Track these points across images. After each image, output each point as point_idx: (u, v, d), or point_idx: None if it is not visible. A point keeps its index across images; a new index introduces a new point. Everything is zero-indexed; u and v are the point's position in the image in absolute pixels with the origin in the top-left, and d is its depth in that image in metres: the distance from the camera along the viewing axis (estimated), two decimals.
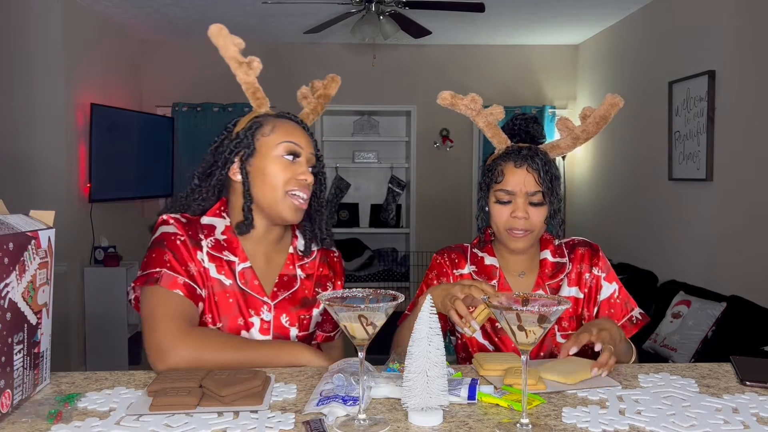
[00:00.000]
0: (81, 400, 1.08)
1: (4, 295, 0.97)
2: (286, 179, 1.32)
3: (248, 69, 1.38)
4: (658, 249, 4.33)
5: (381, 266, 6.10)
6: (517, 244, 1.44)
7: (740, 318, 3.19)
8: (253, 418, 1.00)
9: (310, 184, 1.34)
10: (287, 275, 1.38)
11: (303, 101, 1.51)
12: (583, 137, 1.46)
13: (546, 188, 1.40)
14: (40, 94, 4.16)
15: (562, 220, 1.47)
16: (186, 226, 1.33)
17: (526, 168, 1.40)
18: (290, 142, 1.33)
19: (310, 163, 1.36)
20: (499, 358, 1.28)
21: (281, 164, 1.32)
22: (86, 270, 4.48)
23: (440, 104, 1.49)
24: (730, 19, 3.56)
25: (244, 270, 1.34)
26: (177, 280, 1.25)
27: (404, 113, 6.07)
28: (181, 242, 1.30)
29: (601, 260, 1.52)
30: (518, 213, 1.41)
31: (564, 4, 4.59)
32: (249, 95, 1.40)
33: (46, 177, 4.18)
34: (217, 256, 1.32)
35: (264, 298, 1.34)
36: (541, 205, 1.42)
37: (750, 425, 0.98)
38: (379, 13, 3.97)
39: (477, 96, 1.48)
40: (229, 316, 1.31)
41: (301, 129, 1.38)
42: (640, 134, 4.59)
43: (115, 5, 4.62)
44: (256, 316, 1.32)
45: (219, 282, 1.31)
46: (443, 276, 1.52)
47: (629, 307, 1.50)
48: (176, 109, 5.69)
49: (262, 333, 1.33)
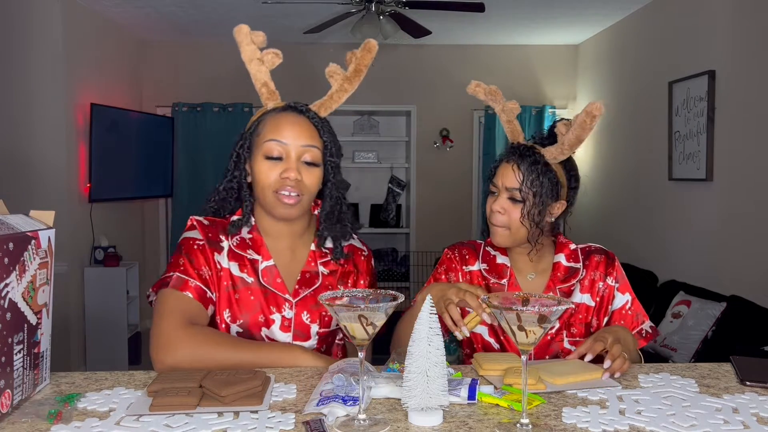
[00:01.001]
0: (81, 401, 1.08)
1: (4, 295, 0.97)
2: (271, 180, 1.29)
3: (260, 64, 1.35)
4: (658, 249, 4.33)
5: (381, 266, 6.10)
6: (495, 238, 1.45)
7: (740, 318, 3.19)
8: (254, 419, 1.00)
9: (297, 180, 1.29)
10: (309, 272, 1.38)
11: (330, 79, 1.41)
12: (567, 145, 1.41)
13: (526, 187, 1.39)
14: (40, 94, 4.17)
15: (535, 224, 1.40)
16: (208, 228, 1.35)
17: (513, 165, 1.41)
18: (271, 140, 1.29)
19: (303, 156, 1.30)
20: (498, 358, 1.27)
21: (266, 164, 1.30)
22: (86, 270, 4.48)
23: (469, 92, 1.51)
24: (730, 19, 3.56)
25: (268, 268, 1.35)
26: (188, 282, 1.28)
27: (404, 113, 6.07)
28: (198, 247, 1.31)
29: (616, 270, 1.50)
30: (495, 206, 1.42)
31: (564, 4, 4.59)
32: (257, 90, 1.37)
33: (46, 177, 4.18)
34: (241, 254, 1.34)
35: (286, 296, 1.34)
36: (518, 202, 1.41)
37: (750, 425, 0.98)
38: (379, 13, 3.97)
39: (496, 89, 1.50)
40: (250, 313, 1.32)
41: (293, 121, 1.31)
42: (640, 134, 4.59)
43: (115, 5, 4.62)
44: (277, 313, 1.33)
45: (241, 280, 1.33)
46: (452, 271, 1.52)
47: (640, 319, 1.49)
48: (176, 109, 5.69)
49: (282, 330, 1.33)
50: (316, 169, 1.32)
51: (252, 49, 1.34)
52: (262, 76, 1.35)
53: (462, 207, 6.00)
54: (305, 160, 1.31)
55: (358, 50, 1.37)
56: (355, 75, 1.36)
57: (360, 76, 1.37)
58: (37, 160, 4.16)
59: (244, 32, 1.33)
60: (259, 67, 1.35)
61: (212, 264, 1.31)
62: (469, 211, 6.01)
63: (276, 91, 1.38)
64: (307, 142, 1.31)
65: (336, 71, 1.37)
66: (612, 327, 1.41)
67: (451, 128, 5.93)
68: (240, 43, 1.34)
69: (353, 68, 1.36)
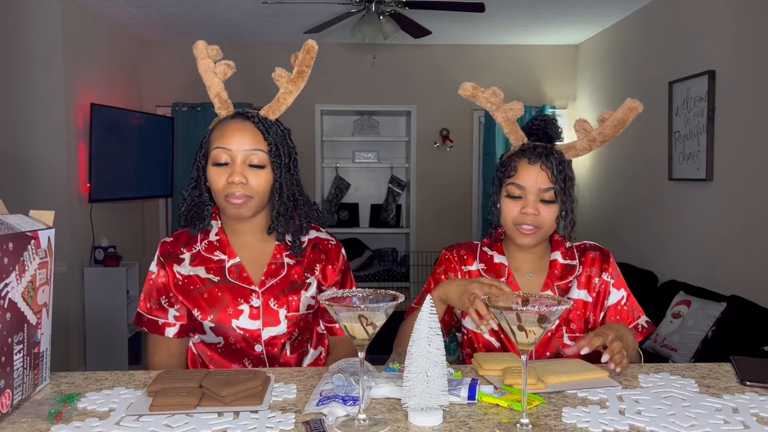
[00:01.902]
0: (81, 400, 1.08)
1: (4, 295, 0.97)
2: (220, 185, 1.38)
3: (213, 76, 1.43)
4: (658, 249, 4.33)
5: (381, 266, 6.10)
6: (524, 240, 1.44)
7: (740, 318, 3.19)
8: (254, 418, 1.00)
9: (242, 184, 1.36)
10: (275, 263, 1.46)
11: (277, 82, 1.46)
12: (599, 140, 1.46)
13: (559, 187, 1.41)
14: (40, 94, 4.16)
15: (573, 222, 1.46)
16: (170, 244, 1.48)
17: (540, 165, 1.41)
18: (217, 147, 1.37)
19: (249, 160, 1.37)
20: (498, 358, 1.28)
21: (215, 171, 1.38)
22: (86, 270, 4.48)
23: (461, 95, 1.47)
24: (730, 19, 3.56)
25: (234, 265, 1.44)
26: (157, 323, 1.45)
27: (404, 113, 6.07)
28: (152, 280, 1.47)
29: (611, 266, 1.52)
30: (528, 209, 1.41)
31: (564, 4, 4.59)
32: (211, 99, 1.45)
33: (46, 177, 4.17)
34: (208, 257, 1.45)
35: (252, 287, 1.43)
36: (552, 203, 1.42)
37: (750, 425, 0.98)
38: (379, 13, 3.97)
39: (498, 90, 1.47)
40: (219, 308, 1.41)
41: (237, 127, 1.38)
42: (640, 134, 4.59)
43: (115, 5, 4.62)
44: (245, 304, 1.42)
45: (208, 280, 1.43)
46: (451, 272, 1.54)
47: (636, 314, 1.51)
48: (176, 109, 5.69)
49: (251, 318, 1.42)
50: (262, 171, 1.38)
51: (207, 62, 1.43)
52: (215, 87, 1.44)
53: (462, 207, 6.00)
54: (251, 163, 1.38)
55: (300, 52, 1.43)
56: (298, 76, 1.43)
57: (303, 76, 1.43)
58: (37, 160, 4.16)
59: (199, 48, 1.43)
60: (212, 79, 1.43)
61: (171, 278, 1.45)
62: (469, 211, 6.01)
63: (228, 101, 1.46)
64: (251, 146, 1.38)
65: (281, 75, 1.44)
66: (613, 324, 1.42)
67: (451, 128, 5.93)
68: (197, 58, 1.43)
69: (296, 71, 1.43)
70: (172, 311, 1.45)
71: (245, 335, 1.41)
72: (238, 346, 1.42)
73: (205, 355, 1.46)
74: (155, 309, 1.46)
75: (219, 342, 1.43)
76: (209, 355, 1.45)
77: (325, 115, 6.00)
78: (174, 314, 1.45)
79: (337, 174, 6.07)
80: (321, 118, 5.89)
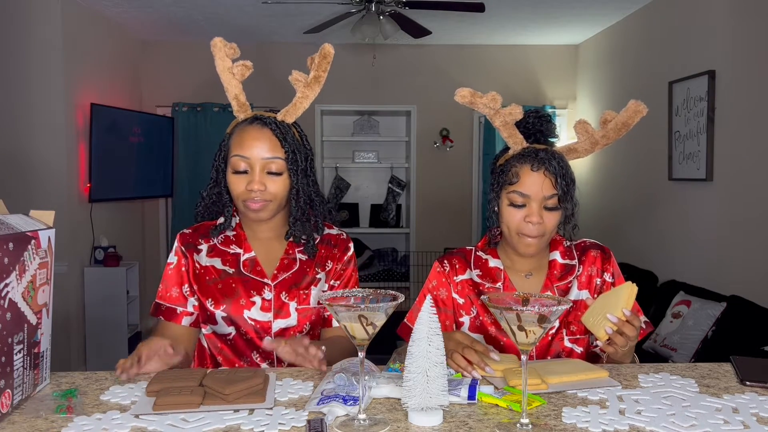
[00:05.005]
0: (90, 395, 1.08)
1: (4, 295, 0.97)
2: (239, 191, 1.42)
3: (231, 77, 1.43)
4: (658, 249, 4.33)
5: (381, 266, 6.10)
6: (528, 250, 1.41)
7: (740, 318, 3.19)
8: (267, 414, 1.01)
9: (261, 191, 1.40)
10: (287, 259, 1.50)
11: (294, 85, 1.46)
12: (602, 142, 1.41)
13: (562, 192, 1.36)
14: (40, 94, 4.16)
15: (575, 225, 1.44)
16: (189, 236, 1.51)
17: (543, 171, 1.36)
18: (236, 155, 1.41)
19: (267, 167, 1.40)
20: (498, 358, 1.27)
21: (234, 178, 1.42)
22: (86, 270, 4.48)
23: (458, 101, 1.42)
24: (729, 19, 3.56)
25: (249, 259, 1.49)
26: (176, 311, 1.48)
27: (404, 113, 6.07)
28: (172, 270, 1.49)
29: (612, 265, 1.50)
30: (533, 218, 1.36)
31: (564, 4, 4.59)
32: (230, 101, 1.46)
33: (46, 177, 4.17)
34: (224, 251, 1.50)
35: (265, 280, 1.47)
36: (556, 209, 1.38)
37: (750, 425, 0.98)
38: (379, 13, 3.97)
39: (497, 95, 1.42)
40: (232, 299, 1.45)
41: (256, 136, 1.40)
42: (640, 134, 4.57)
43: (115, 5, 4.62)
44: (257, 296, 1.46)
45: (224, 272, 1.48)
46: (442, 286, 1.51)
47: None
48: (176, 109, 5.69)
49: (263, 311, 1.46)
50: (279, 178, 1.42)
51: (225, 62, 1.43)
52: (233, 89, 1.45)
53: (462, 207, 6.00)
54: (269, 170, 1.41)
55: (316, 56, 1.42)
56: (315, 81, 1.44)
57: (319, 81, 1.44)
58: (37, 160, 4.16)
59: (218, 46, 1.43)
60: (231, 80, 1.44)
61: (191, 265, 1.48)
62: (469, 211, 6.01)
63: (247, 104, 1.47)
64: (269, 154, 1.41)
65: (298, 78, 1.44)
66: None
67: (451, 128, 5.93)
68: (215, 56, 1.43)
69: (312, 75, 1.43)
70: (192, 300, 1.48)
71: (256, 326, 1.44)
72: (249, 337, 1.45)
73: (215, 347, 1.47)
74: (175, 297, 1.48)
75: (230, 333, 1.45)
76: (219, 347, 1.47)
77: (325, 115, 6.00)
78: (193, 303, 1.48)
79: (337, 174, 6.07)
80: (321, 118, 5.89)
